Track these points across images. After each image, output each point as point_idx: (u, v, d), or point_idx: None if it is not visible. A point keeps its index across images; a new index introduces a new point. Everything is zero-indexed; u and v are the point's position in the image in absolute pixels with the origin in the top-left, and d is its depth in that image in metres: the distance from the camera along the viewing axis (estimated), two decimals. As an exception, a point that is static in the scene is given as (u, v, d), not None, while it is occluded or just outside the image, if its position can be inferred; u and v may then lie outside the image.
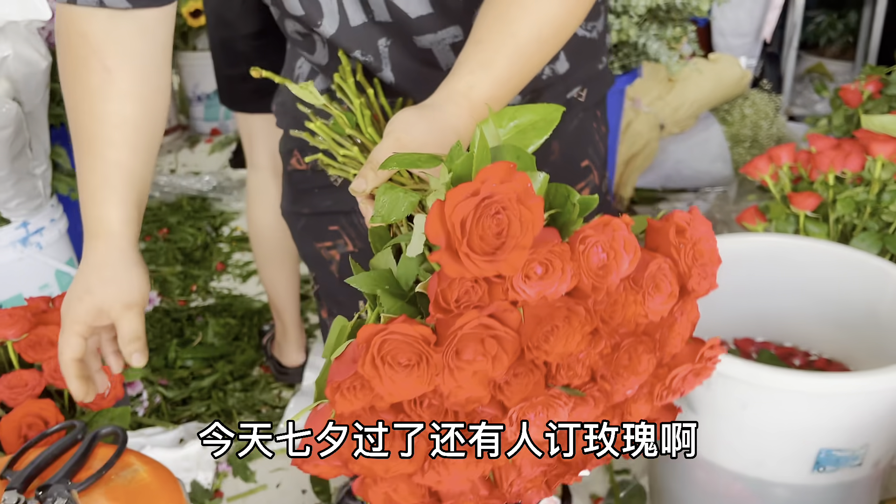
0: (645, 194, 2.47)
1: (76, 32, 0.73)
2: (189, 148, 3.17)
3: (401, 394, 0.51)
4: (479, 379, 0.51)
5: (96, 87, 0.73)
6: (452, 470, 0.56)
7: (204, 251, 2.28)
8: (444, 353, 0.50)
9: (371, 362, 0.50)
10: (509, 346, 0.51)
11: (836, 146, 1.44)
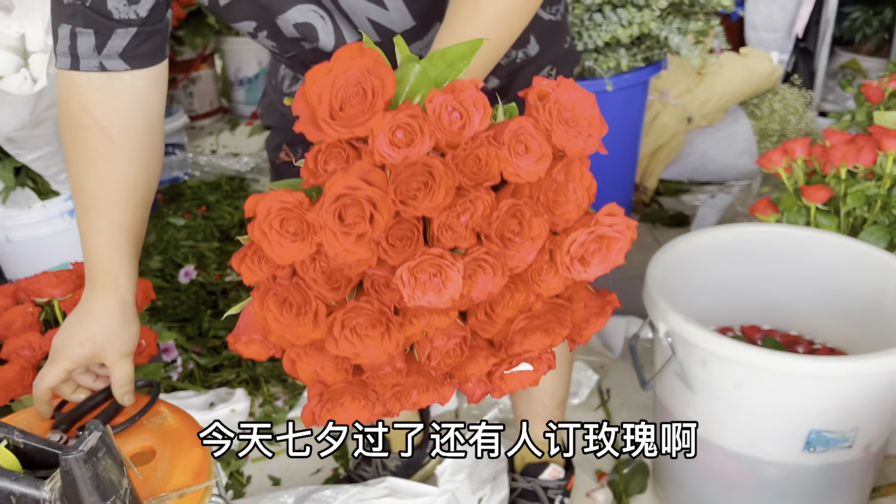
0: (670, 186, 2.49)
1: (77, 104, 0.79)
2: (230, 130, 3.27)
3: (288, 255, 0.55)
4: (362, 242, 0.54)
5: (100, 154, 0.79)
6: (367, 343, 0.59)
7: (240, 229, 2.38)
8: (318, 212, 0.54)
9: (259, 229, 0.56)
10: (382, 206, 0.54)
11: (850, 141, 1.47)
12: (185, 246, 2.24)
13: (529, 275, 0.61)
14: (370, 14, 0.87)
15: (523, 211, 0.58)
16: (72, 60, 0.78)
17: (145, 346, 1.10)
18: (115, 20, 0.76)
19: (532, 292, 0.62)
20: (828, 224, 1.45)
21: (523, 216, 0.58)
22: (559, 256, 0.60)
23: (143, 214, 0.85)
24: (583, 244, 0.59)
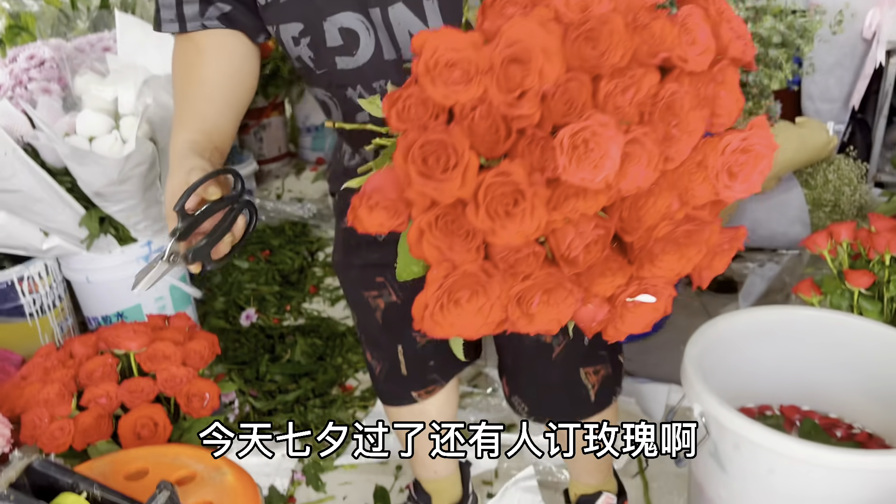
0: (721, 251, 2.51)
1: (190, 45, 0.95)
2: (295, 175, 3.43)
3: (453, 95, 0.54)
4: (529, 95, 0.53)
5: (195, 63, 0.95)
6: (509, 222, 0.55)
7: (300, 274, 2.50)
8: (491, 53, 0.52)
9: (424, 65, 0.54)
10: (555, 58, 0.52)
11: (895, 227, 1.49)
12: (248, 289, 2.36)
13: (679, 177, 0.60)
14: (412, 28, 0.92)
15: (684, 101, 0.56)
16: (179, 24, 0.95)
17: (209, 398, 1.20)
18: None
19: (678, 198, 0.60)
20: (871, 309, 1.46)
21: (682, 107, 0.56)
22: (712, 159, 0.59)
23: (222, 110, 0.94)
24: (735, 150, 0.58)
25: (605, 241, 0.60)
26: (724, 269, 0.66)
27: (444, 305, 0.60)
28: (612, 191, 0.56)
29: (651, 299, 0.63)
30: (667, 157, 0.58)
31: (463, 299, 0.60)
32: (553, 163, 0.54)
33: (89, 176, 1.57)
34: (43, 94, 1.66)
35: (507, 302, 0.61)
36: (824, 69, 2.54)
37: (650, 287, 0.63)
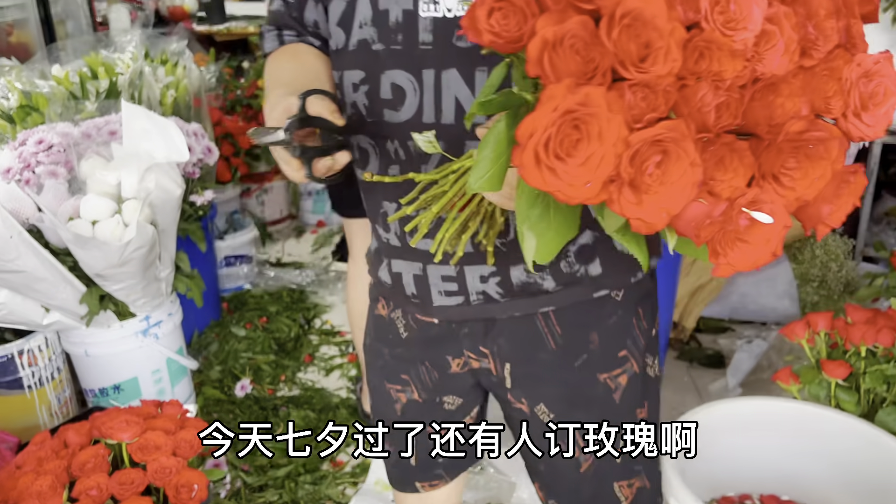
0: (710, 323, 2.55)
1: (287, 49, 1.10)
2: (296, 237, 3.49)
3: None
4: None
5: (296, 52, 1.09)
6: (639, 61, 0.53)
7: (296, 342, 2.54)
8: None
9: None
10: None
11: (871, 320, 1.53)
12: (244, 357, 2.40)
13: (813, 79, 0.58)
14: (459, 95, 0.96)
15: (821, 3, 0.56)
16: (277, 45, 1.11)
17: (197, 490, 1.23)
18: (306, 26, 1.09)
19: (808, 104, 0.58)
20: (847, 400, 1.50)
21: (819, 10, 0.56)
22: (846, 71, 0.58)
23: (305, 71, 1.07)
24: (869, 72, 0.58)
25: (737, 109, 0.56)
26: (845, 216, 0.61)
27: (551, 147, 0.54)
28: (749, 59, 0.54)
29: (768, 219, 0.56)
30: (803, 50, 0.56)
31: (573, 141, 0.53)
32: (696, 4, 0.53)
33: (91, 259, 1.63)
34: (49, 178, 1.73)
35: (622, 153, 0.53)
36: (810, 147, 2.61)
37: (767, 206, 0.56)
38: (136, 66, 2.10)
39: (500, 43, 0.59)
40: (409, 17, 0.96)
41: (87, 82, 2.05)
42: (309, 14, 1.07)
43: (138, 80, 2.10)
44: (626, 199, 0.54)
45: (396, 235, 1.06)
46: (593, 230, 1.04)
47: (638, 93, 0.54)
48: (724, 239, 0.55)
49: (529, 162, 0.54)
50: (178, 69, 2.28)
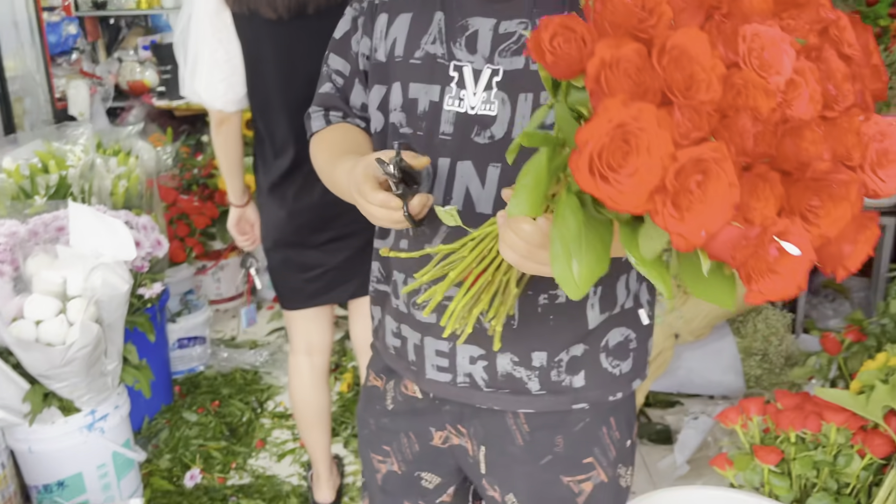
0: (660, 397, 2.60)
1: (337, 128, 1.20)
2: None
3: None
4: None
5: (346, 130, 1.19)
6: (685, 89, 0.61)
7: (248, 427, 2.53)
8: None
9: None
10: None
11: (799, 405, 1.59)
12: (195, 444, 2.38)
13: (835, 129, 0.63)
14: (470, 185, 1.03)
15: (839, 66, 0.63)
16: (324, 125, 1.20)
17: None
18: (353, 108, 1.19)
19: (830, 150, 0.63)
20: (780, 485, 1.54)
21: (836, 73, 0.62)
22: (865, 127, 0.64)
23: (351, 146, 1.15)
24: (884, 131, 0.63)
25: (772, 140, 0.61)
26: (862, 261, 0.66)
27: (604, 157, 0.59)
28: (779, 102, 0.61)
29: (796, 251, 0.60)
30: (825, 102, 0.62)
31: (623, 153, 0.59)
32: (735, 48, 0.60)
33: (33, 361, 1.63)
34: (-5, 277, 1.73)
35: (668, 167, 0.58)
36: (747, 224, 2.72)
37: (795, 237, 0.61)
38: (88, 158, 2.14)
39: (560, 65, 0.66)
40: (434, 107, 1.06)
41: (37, 176, 2.07)
42: (356, 98, 1.17)
43: (89, 172, 2.13)
44: (668, 212, 0.58)
45: (405, 303, 1.13)
46: (586, 343, 1.09)
47: (685, 113, 0.60)
48: (757, 266, 0.60)
49: (584, 167, 0.59)
50: (130, 159, 2.32)
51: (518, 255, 0.81)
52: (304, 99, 1.70)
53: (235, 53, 1.69)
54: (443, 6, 1.07)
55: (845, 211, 0.61)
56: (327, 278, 1.86)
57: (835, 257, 0.64)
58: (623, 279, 1.13)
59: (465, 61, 1.05)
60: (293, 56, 1.68)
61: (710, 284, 0.66)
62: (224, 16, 1.66)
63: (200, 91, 1.72)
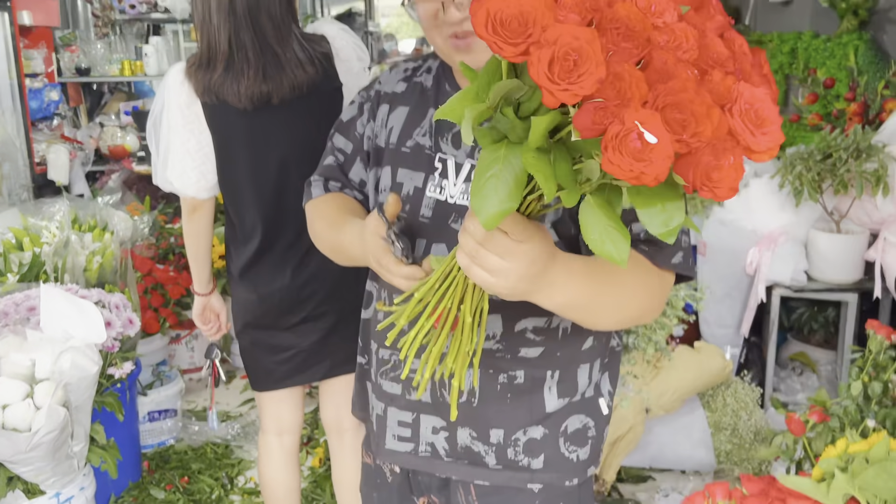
0: (632, 472, 2.60)
1: (335, 196, 1.27)
2: (225, 384, 3.46)
3: None
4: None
5: (344, 199, 1.26)
6: None
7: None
8: None
9: None
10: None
11: (764, 491, 1.61)
12: (162, 526, 2.34)
13: (712, 80, 0.71)
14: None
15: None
16: (323, 192, 1.27)
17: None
18: (351, 182, 1.27)
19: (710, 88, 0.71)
20: (746, 573, 1.55)
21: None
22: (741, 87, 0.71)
23: (349, 212, 1.22)
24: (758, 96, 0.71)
25: (644, 49, 0.71)
26: (729, 187, 0.70)
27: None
28: (656, 26, 0.73)
29: (653, 139, 0.66)
30: (701, 57, 0.72)
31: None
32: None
33: (-3, 447, 1.61)
34: (-38, 359, 1.73)
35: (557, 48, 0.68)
36: (716, 299, 2.78)
37: (653, 129, 0.67)
38: (63, 236, 2.15)
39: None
40: (417, 192, 1.15)
41: (11, 253, 2.08)
42: (355, 174, 1.27)
43: (64, 249, 2.15)
44: (549, 79, 0.67)
45: (375, 373, 1.23)
46: (545, 426, 1.16)
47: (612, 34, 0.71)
48: (619, 146, 0.67)
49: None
50: (105, 234, 2.34)
51: (467, 255, 0.85)
52: (273, 185, 1.76)
53: (206, 142, 1.73)
54: (435, 104, 1.18)
55: (706, 128, 0.68)
56: (298, 359, 1.87)
57: (698, 169, 0.70)
58: (585, 368, 1.18)
59: (450, 154, 1.15)
60: (261, 144, 1.73)
61: (605, 234, 0.74)
62: (195, 107, 1.71)
63: (173, 180, 1.76)
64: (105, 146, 5.25)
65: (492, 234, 0.81)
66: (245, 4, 1.63)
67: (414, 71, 1.25)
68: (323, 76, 1.71)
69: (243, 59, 1.65)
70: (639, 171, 0.66)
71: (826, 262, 2.60)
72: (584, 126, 0.68)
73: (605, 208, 0.74)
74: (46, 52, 4.93)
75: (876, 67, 3.23)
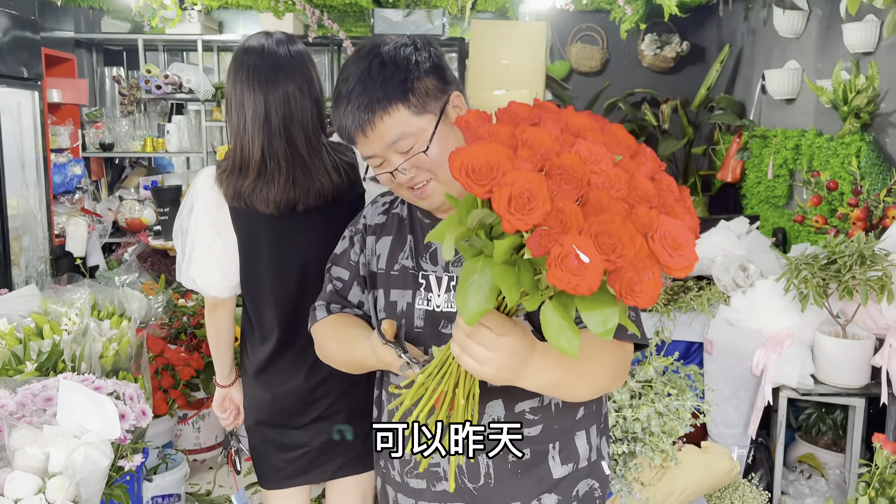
0: (638, 576, 2.56)
1: (339, 317, 1.45)
2: (238, 472, 3.45)
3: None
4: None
5: (347, 318, 1.45)
6: None
7: None
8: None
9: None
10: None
11: None
12: None
13: (637, 213, 0.86)
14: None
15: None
16: (326, 314, 1.46)
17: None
18: (350, 303, 1.45)
19: (627, 213, 0.86)
20: None
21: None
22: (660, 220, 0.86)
23: (355, 327, 1.41)
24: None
25: (580, 190, 0.87)
26: (648, 297, 0.84)
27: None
28: (591, 171, 0.89)
29: (586, 259, 0.81)
30: (630, 193, 0.89)
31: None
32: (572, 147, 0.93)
33: (7, 544, 1.62)
34: (-22, 450, 1.75)
35: (514, 190, 0.85)
36: (723, 398, 2.79)
37: (587, 251, 0.82)
38: (82, 324, 2.20)
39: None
40: (409, 307, 1.35)
41: (30, 341, 2.12)
42: (353, 296, 1.46)
43: (82, 337, 2.19)
44: (509, 212, 0.85)
45: (399, 473, 1.40)
46: (557, 493, 1.32)
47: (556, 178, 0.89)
48: (559, 263, 0.83)
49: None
50: (123, 321, 2.38)
51: (458, 346, 1.00)
52: (293, 287, 1.81)
53: (231, 244, 1.79)
54: (412, 231, 1.41)
55: (629, 250, 0.83)
56: (307, 458, 1.89)
57: (623, 282, 0.84)
58: (581, 434, 1.36)
59: (430, 271, 1.35)
60: (284, 247, 1.80)
61: (560, 332, 0.88)
62: (223, 210, 1.78)
63: (196, 278, 1.82)
64: (123, 219, 5.37)
65: (477, 328, 0.97)
66: (279, 117, 1.71)
67: (391, 204, 1.48)
68: (347, 184, 1.78)
69: (275, 167, 1.72)
70: (575, 283, 0.82)
71: (833, 367, 2.62)
72: (534, 247, 0.85)
73: (560, 311, 0.88)
74: (73, 128, 5.10)
75: (878, 170, 3.31)
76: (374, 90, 1.21)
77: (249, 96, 1.71)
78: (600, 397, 1.39)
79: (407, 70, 1.22)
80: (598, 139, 0.91)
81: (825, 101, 3.78)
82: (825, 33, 4.15)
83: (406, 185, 1.29)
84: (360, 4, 5.21)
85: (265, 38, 1.76)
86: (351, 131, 1.25)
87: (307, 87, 1.74)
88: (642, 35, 5.79)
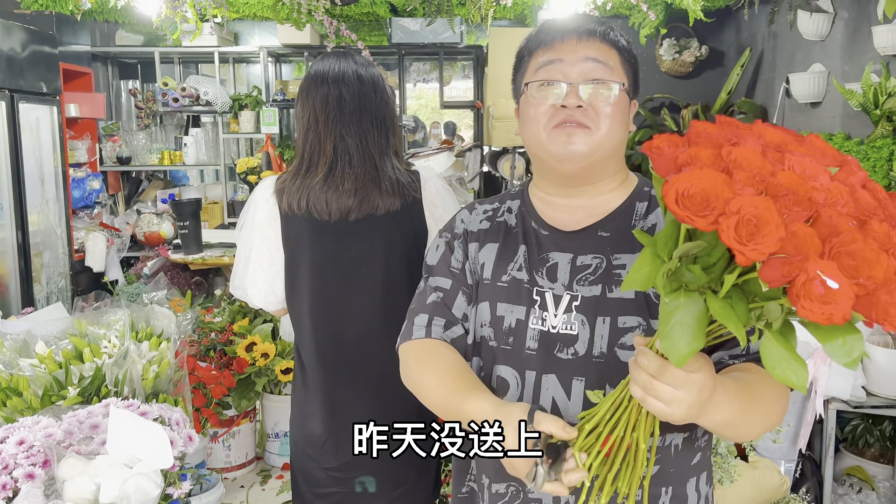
0: None
1: (424, 345, 1.27)
2: (261, 483, 3.39)
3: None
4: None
5: (442, 355, 1.25)
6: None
7: None
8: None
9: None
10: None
11: None
12: None
13: (871, 228, 0.80)
14: (556, 396, 1.16)
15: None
16: (424, 335, 1.26)
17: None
18: (455, 317, 1.27)
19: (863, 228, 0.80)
20: None
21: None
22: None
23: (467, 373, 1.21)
24: None
25: (809, 211, 0.81)
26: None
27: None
28: (813, 188, 0.82)
29: (835, 285, 0.74)
30: (858, 208, 0.82)
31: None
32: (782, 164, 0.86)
33: (62, 580, 1.57)
34: (27, 480, 1.70)
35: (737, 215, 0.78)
36: (770, 412, 2.72)
37: (832, 275, 0.75)
38: (123, 347, 2.15)
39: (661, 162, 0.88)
40: (520, 325, 1.21)
41: (71, 365, 2.08)
42: (458, 308, 1.29)
43: (123, 360, 2.14)
44: (735, 237, 0.78)
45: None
46: None
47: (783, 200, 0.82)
48: (805, 291, 0.76)
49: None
50: (161, 342, 2.34)
51: (641, 387, 0.92)
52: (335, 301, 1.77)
53: (279, 260, 1.77)
54: (525, 241, 1.26)
55: (878, 271, 0.76)
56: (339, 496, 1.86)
57: (878, 307, 0.77)
58: (692, 482, 1.25)
59: (547, 288, 1.21)
60: (329, 254, 1.75)
61: (786, 364, 0.82)
62: (275, 224, 1.75)
63: (247, 288, 1.80)
64: (141, 232, 5.33)
65: (665, 367, 0.89)
66: (353, 104, 1.71)
67: (495, 212, 1.34)
68: (401, 204, 1.74)
69: (345, 165, 1.69)
70: (829, 313, 0.74)
71: (884, 377, 2.56)
72: (772, 278, 0.78)
73: (782, 342, 0.82)
74: (90, 142, 5.07)
75: (914, 174, 3.26)
76: (604, 24, 1.23)
77: (319, 89, 1.72)
78: (709, 443, 1.28)
79: (624, 35, 1.26)
80: (803, 152, 0.85)
81: (854, 104, 3.73)
82: (852, 35, 4.10)
83: (567, 114, 1.18)
84: (377, 13, 5.18)
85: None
86: (563, 33, 1.21)
87: (380, 88, 1.76)
88: (660, 40, 5.75)
